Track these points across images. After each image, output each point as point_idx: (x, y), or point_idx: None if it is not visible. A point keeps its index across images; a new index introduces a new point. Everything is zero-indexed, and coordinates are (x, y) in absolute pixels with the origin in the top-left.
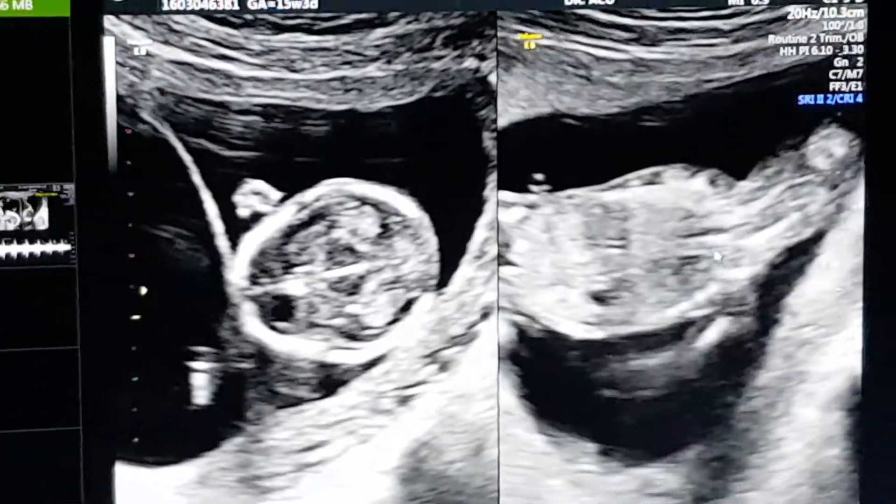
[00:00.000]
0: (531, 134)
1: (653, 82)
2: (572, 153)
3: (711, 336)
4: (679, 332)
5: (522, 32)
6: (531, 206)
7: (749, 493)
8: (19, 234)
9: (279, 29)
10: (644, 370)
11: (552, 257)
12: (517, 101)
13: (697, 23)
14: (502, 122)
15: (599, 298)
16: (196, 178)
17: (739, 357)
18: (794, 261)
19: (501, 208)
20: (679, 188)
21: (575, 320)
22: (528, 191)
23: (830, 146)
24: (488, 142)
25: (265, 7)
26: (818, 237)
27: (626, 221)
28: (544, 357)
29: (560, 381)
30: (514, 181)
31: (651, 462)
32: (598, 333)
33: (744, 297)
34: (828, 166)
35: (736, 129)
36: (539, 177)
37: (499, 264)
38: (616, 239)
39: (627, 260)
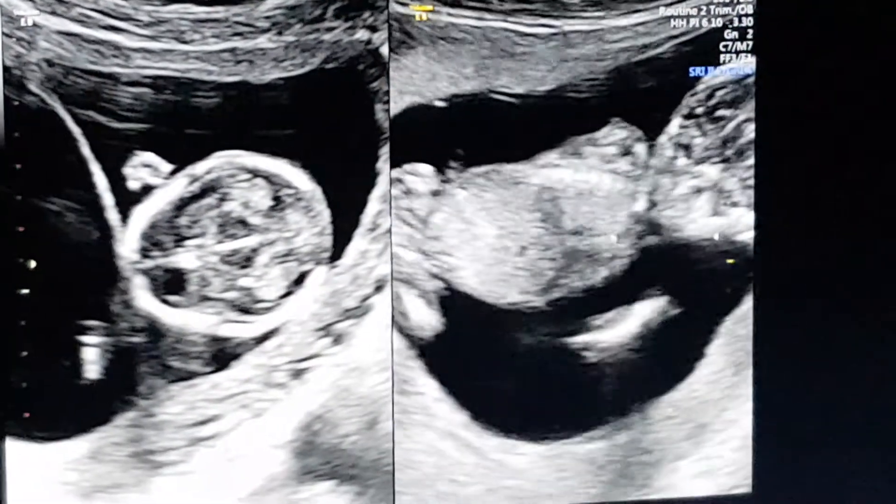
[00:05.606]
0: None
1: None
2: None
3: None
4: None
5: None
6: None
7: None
8: None
9: None
10: (567, 343)
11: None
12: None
13: None
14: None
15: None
16: (85, 150)
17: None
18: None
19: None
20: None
21: (499, 293)
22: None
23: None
24: (381, 114)
25: None
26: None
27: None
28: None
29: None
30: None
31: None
32: (522, 306)
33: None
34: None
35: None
36: (459, 152)
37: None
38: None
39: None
